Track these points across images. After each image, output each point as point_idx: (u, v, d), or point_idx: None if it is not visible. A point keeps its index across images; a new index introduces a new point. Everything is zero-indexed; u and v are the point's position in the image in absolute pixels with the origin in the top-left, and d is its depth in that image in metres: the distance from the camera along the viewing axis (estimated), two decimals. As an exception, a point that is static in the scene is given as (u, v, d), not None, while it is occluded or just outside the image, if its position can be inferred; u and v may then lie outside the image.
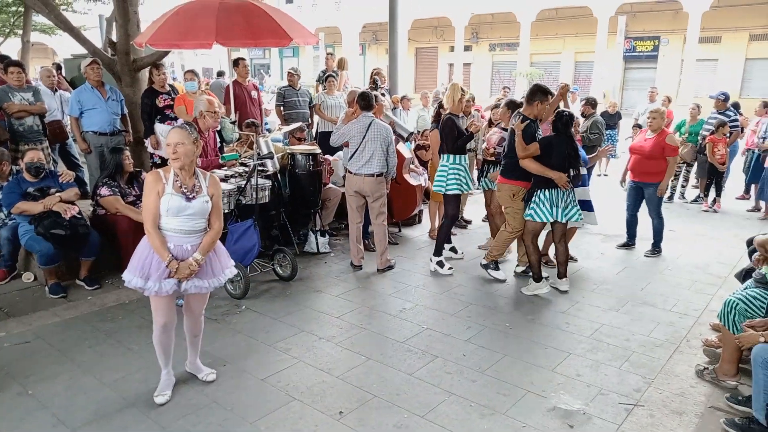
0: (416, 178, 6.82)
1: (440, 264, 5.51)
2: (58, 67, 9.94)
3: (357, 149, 5.24)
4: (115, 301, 4.69)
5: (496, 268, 5.30)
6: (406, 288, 5.11)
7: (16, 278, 5.10)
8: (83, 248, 4.81)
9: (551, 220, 4.85)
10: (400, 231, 6.83)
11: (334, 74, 8.81)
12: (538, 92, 4.90)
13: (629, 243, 6.33)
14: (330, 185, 6.42)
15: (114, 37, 7.09)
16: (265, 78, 31.34)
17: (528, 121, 4.81)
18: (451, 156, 5.37)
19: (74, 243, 4.73)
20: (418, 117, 9.43)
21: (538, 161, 4.75)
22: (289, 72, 8.44)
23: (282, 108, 8.12)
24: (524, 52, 26.50)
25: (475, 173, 6.89)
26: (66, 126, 6.99)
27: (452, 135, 5.28)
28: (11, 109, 5.90)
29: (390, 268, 5.53)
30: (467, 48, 29.58)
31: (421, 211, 7.21)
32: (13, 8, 16.42)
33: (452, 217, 5.63)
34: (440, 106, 6.04)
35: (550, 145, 4.75)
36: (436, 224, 6.65)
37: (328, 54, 10.88)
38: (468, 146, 5.63)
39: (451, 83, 5.63)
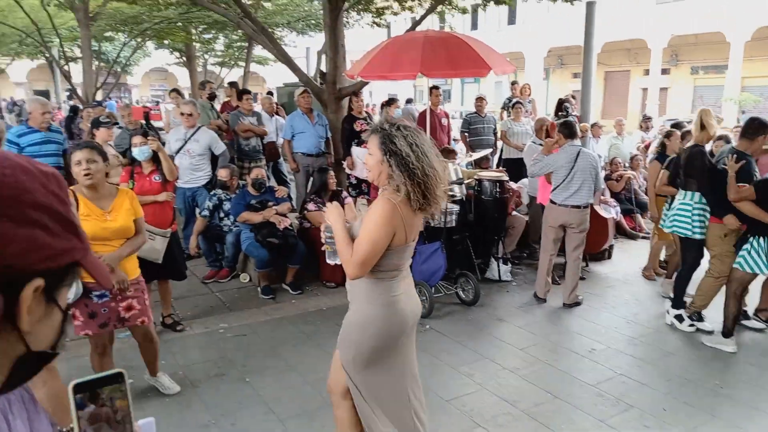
0: (608, 211, 6.44)
1: (679, 318, 4.77)
2: (270, 94, 11.33)
3: (564, 180, 5.07)
4: (315, 306, 5.14)
5: (700, 319, 4.72)
6: (594, 327, 4.82)
7: (234, 278, 5.85)
8: (291, 256, 5.37)
9: (765, 273, 4.22)
10: (587, 265, 6.48)
11: (521, 101, 8.75)
12: (763, 127, 4.33)
13: None
14: (515, 213, 6.34)
15: (323, 68, 7.89)
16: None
17: (745, 160, 4.26)
18: (697, 194, 4.67)
19: (284, 251, 5.31)
20: (611, 145, 8.91)
21: (756, 204, 4.15)
22: (477, 98, 8.59)
23: (467, 134, 8.27)
24: (734, 75, 23.59)
25: None
26: (278, 147, 7.93)
27: (702, 169, 4.60)
28: (241, 128, 6.88)
29: (577, 304, 5.27)
30: (664, 71, 27.23)
31: (612, 246, 6.77)
32: (238, 44, 19.27)
33: (691, 266, 4.84)
34: (666, 136, 5.70)
35: None
36: (657, 264, 6.11)
37: (512, 82, 10.87)
38: None
39: (701, 109, 5.01)
